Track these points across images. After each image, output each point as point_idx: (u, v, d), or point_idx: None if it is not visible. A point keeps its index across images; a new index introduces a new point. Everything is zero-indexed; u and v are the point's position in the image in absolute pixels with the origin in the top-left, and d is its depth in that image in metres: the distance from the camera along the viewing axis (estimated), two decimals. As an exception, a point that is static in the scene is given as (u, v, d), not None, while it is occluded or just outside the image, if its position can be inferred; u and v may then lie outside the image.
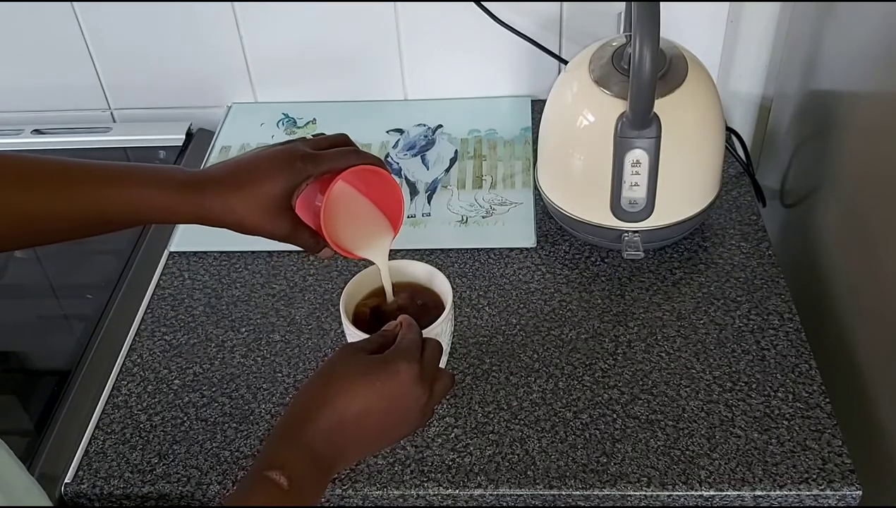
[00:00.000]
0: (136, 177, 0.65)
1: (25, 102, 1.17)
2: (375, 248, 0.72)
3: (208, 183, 0.65)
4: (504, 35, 1.02)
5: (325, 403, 0.58)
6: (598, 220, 0.87)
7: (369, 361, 0.60)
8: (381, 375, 0.59)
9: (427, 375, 0.61)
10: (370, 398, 0.59)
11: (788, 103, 1.02)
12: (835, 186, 0.87)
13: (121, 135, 1.13)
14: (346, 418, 0.58)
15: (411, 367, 0.60)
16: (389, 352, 0.61)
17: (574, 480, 0.70)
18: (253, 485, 0.55)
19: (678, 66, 0.83)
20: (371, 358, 0.61)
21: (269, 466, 0.55)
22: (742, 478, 0.69)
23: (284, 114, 1.14)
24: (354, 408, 0.58)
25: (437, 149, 1.06)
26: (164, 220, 0.67)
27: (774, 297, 0.85)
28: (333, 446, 0.58)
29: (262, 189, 0.65)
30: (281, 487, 0.54)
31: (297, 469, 0.56)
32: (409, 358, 0.61)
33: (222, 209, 0.65)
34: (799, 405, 0.75)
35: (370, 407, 0.59)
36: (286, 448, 0.57)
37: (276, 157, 0.66)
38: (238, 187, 0.65)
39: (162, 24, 1.09)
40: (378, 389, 0.59)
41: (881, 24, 0.76)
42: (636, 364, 0.79)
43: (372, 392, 0.59)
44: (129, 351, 0.84)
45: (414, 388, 0.60)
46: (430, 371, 0.62)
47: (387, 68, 1.12)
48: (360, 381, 0.59)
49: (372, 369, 0.60)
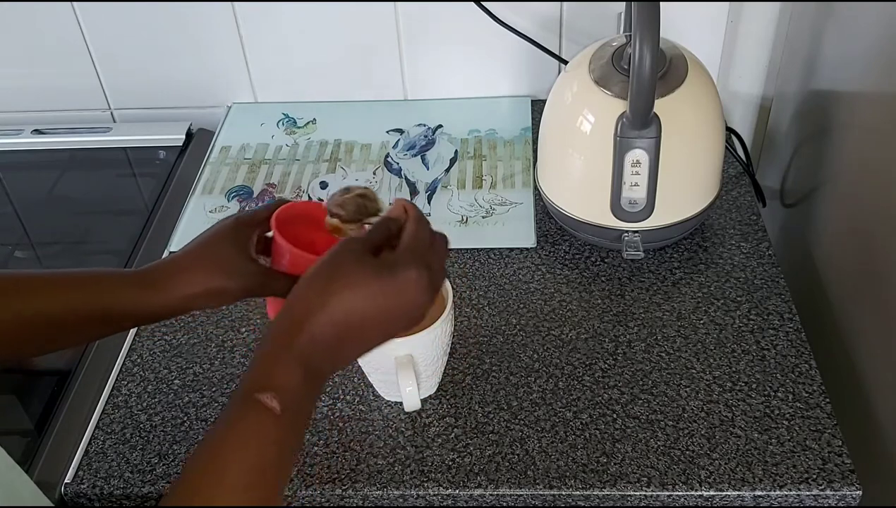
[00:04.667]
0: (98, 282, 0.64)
1: (25, 102, 1.17)
2: None
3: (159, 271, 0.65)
4: (504, 35, 1.02)
5: (324, 312, 0.53)
6: (598, 220, 0.87)
7: (376, 266, 0.55)
8: (389, 284, 0.54)
9: (436, 282, 0.57)
10: (374, 307, 0.54)
11: (788, 103, 1.02)
12: (835, 186, 0.87)
13: (121, 135, 1.13)
14: (347, 327, 0.53)
15: (421, 276, 0.55)
16: (399, 255, 0.56)
17: (574, 480, 0.70)
18: (241, 409, 0.50)
19: (678, 66, 0.83)
20: (378, 262, 0.55)
21: (261, 387, 0.50)
22: (742, 478, 0.69)
23: (284, 114, 1.14)
24: (356, 318, 0.54)
25: (437, 149, 1.06)
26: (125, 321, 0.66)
27: (774, 297, 0.85)
28: (330, 356, 0.54)
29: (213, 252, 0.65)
30: (273, 412, 0.50)
31: (291, 388, 0.51)
32: (420, 263, 0.55)
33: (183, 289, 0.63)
34: (799, 405, 0.75)
35: (374, 316, 0.54)
36: (280, 365, 0.52)
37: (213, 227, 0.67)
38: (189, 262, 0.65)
39: (162, 25, 1.09)
40: (384, 299, 0.54)
41: (881, 24, 0.76)
42: (636, 364, 0.79)
43: (377, 300, 0.54)
44: (129, 351, 0.84)
45: (421, 296, 0.55)
46: (438, 276, 0.58)
47: (387, 68, 1.12)
48: (365, 290, 0.54)
49: (379, 276, 0.54)
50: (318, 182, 1.02)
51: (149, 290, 0.63)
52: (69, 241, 1.01)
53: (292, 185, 1.02)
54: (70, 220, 1.04)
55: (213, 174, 1.04)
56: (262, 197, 1.00)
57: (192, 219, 0.98)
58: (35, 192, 1.08)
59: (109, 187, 1.09)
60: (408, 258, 0.56)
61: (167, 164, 1.09)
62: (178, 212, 0.99)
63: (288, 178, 1.03)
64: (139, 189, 1.09)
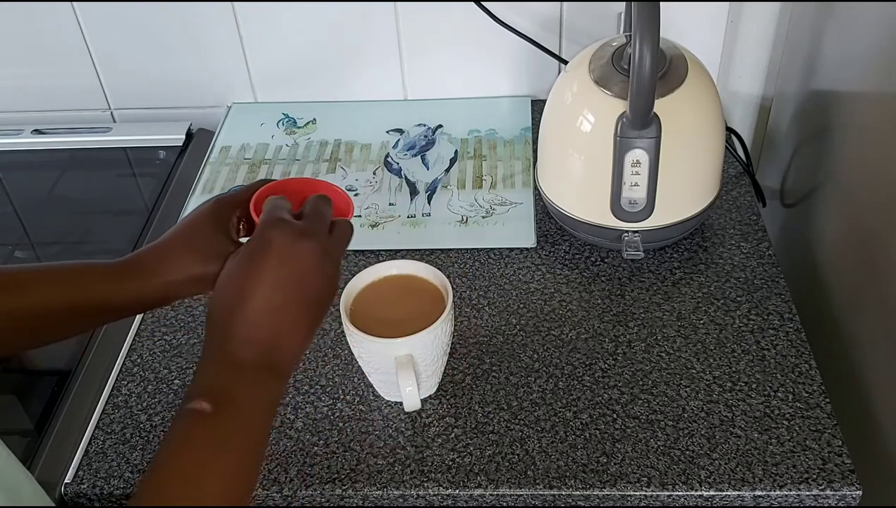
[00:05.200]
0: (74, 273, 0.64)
1: (25, 102, 1.17)
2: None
3: (138, 260, 0.64)
4: (504, 35, 1.02)
5: (231, 310, 0.55)
6: (598, 220, 0.87)
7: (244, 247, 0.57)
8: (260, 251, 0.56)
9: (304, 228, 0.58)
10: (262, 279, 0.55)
11: (788, 103, 1.02)
12: (835, 186, 0.87)
13: (121, 135, 1.13)
14: (258, 313, 0.54)
15: (285, 228, 0.57)
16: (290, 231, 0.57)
17: (574, 480, 0.70)
18: (175, 421, 0.52)
19: (678, 66, 0.83)
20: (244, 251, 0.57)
21: (190, 398, 0.52)
22: (742, 478, 0.69)
23: (284, 115, 1.14)
24: (261, 302, 0.54)
25: (437, 149, 1.06)
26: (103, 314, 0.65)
27: (774, 297, 0.85)
28: (258, 345, 0.54)
29: (192, 237, 0.64)
30: (204, 412, 0.51)
31: (222, 386, 0.52)
32: (271, 222, 0.57)
33: (164, 276, 0.63)
34: (799, 405, 0.75)
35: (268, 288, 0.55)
36: (205, 371, 0.54)
37: (193, 211, 0.66)
38: (170, 248, 0.64)
39: (162, 24, 1.09)
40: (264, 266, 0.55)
41: (881, 24, 0.76)
42: (636, 364, 0.79)
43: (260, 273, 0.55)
44: (129, 351, 0.84)
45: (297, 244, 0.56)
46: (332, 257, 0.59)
47: (387, 68, 1.12)
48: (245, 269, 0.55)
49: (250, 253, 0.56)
50: (318, 182, 1.02)
51: (129, 280, 0.63)
52: (69, 241, 1.01)
53: (292, 185, 1.02)
54: (70, 220, 1.04)
55: (213, 174, 1.04)
56: (262, 197, 1.00)
57: (192, 219, 0.98)
58: (35, 192, 1.08)
59: (109, 187, 1.09)
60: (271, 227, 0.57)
61: (167, 164, 1.09)
62: (178, 212, 0.99)
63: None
64: (139, 189, 1.09)
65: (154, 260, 0.64)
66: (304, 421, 0.76)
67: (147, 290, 0.63)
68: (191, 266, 0.63)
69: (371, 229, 0.95)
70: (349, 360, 0.80)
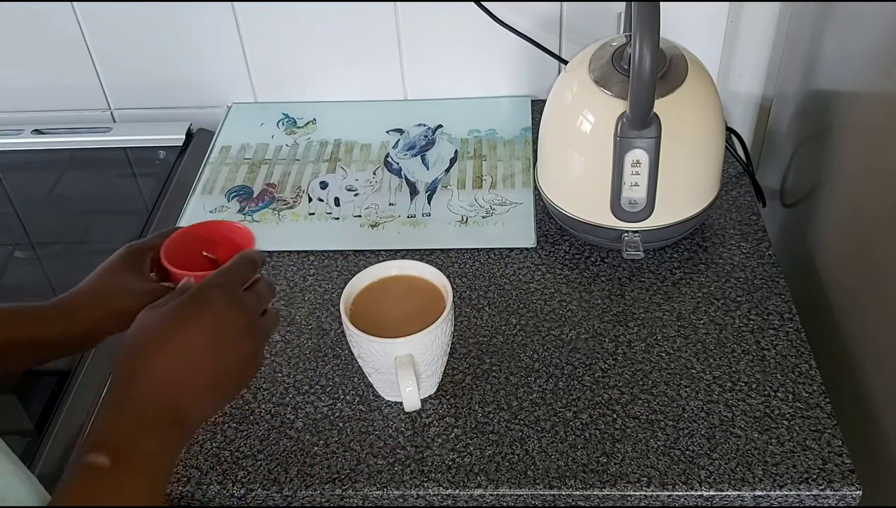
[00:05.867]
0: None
1: (25, 102, 1.17)
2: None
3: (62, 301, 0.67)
4: (504, 35, 1.02)
5: (146, 359, 0.54)
6: (598, 220, 0.87)
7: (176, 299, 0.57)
8: (191, 307, 0.56)
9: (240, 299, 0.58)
10: (186, 334, 0.55)
11: (788, 103, 1.02)
12: (835, 186, 0.87)
13: (121, 135, 1.13)
14: (173, 366, 0.54)
15: (221, 292, 0.57)
16: (204, 285, 0.58)
17: (574, 480, 0.70)
18: (70, 473, 0.50)
19: (678, 66, 0.83)
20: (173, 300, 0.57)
21: (90, 448, 0.50)
22: (742, 478, 0.69)
23: (284, 115, 1.14)
24: (173, 352, 0.54)
25: (437, 149, 1.06)
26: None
27: (774, 297, 0.85)
28: (166, 399, 0.53)
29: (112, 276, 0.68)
30: (102, 468, 0.49)
31: (125, 439, 0.51)
32: (219, 283, 0.58)
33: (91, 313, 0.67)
34: (799, 405, 0.75)
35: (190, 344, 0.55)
36: (107, 421, 0.52)
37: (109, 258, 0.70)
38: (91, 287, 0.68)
39: (162, 25, 1.09)
40: (192, 322, 0.55)
41: (881, 24, 0.76)
42: (636, 364, 0.79)
43: (186, 327, 0.55)
44: (129, 351, 0.83)
45: (229, 311, 0.57)
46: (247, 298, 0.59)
47: (387, 68, 1.12)
48: (171, 321, 0.55)
49: (180, 305, 0.56)
50: (319, 182, 1.02)
51: (57, 318, 0.66)
52: (69, 241, 1.01)
53: (292, 185, 1.02)
54: (70, 220, 1.04)
55: (213, 174, 1.04)
56: (262, 197, 1.00)
57: (192, 220, 0.98)
58: (35, 192, 1.08)
59: (109, 187, 1.09)
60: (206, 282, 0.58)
61: (167, 164, 1.09)
62: (178, 212, 0.99)
63: (288, 178, 1.03)
64: (139, 189, 1.09)
65: (77, 300, 0.67)
66: (304, 421, 0.76)
67: (74, 328, 0.66)
68: (113, 300, 0.67)
69: (371, 229, 0.95)
70: (349, 360, 0.80)
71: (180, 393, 0.54)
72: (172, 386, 0.54)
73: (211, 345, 0.56)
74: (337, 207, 0.98)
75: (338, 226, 0.96)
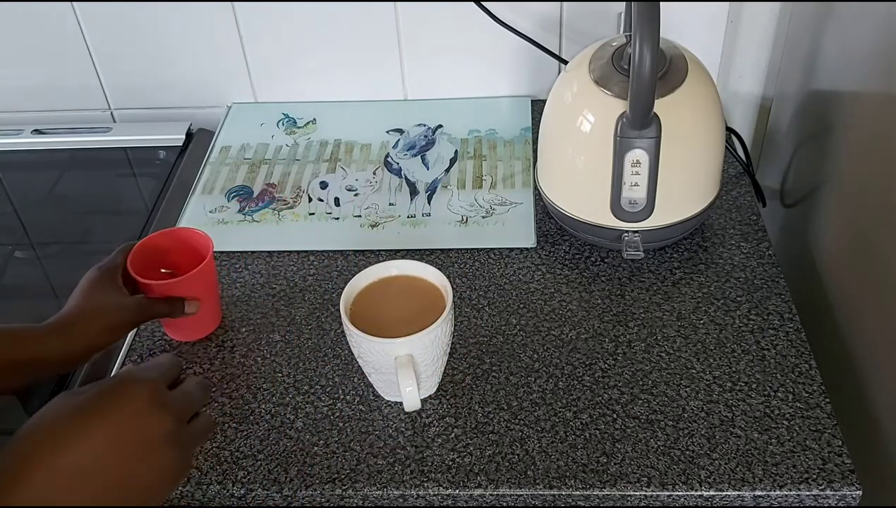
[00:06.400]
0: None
1: (25, 102, 1.17)
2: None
3: (59, 320, 0.70)
4: (504, 35, 1.02)
5: (27, 460, 0.45)
6: (598, 220, 0.87)
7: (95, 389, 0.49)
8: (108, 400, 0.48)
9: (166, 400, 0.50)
10: (90, 438, 0.47)
11: (788, 103, 1.02)
12: (835, 186, 0.87)
13: (121, 135, 1.13)
14: (63, 473, 0.45)
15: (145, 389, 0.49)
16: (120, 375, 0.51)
17: (574, 480, 0.70)
18: None
19: (678, 65, 0.83)
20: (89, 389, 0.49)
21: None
22: (742, 478, 0.69)
23: (284, 115, 1.14)
24: (70, 457, 0.46)
25: (437, 149, 1.06)
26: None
27: (774, 297, 0.85)
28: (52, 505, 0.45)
29: (96, 296, 0.72)
30: None
31: None
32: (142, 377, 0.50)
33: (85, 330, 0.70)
34: (799, 405, 0.75)
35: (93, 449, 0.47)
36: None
37: (82, 282, 0.74)
38: (80, 307, 0.71)
39: (162, 24, 1.09)
40: (100, 423, 0.47)
41: (881, 24, 0.76)
42: (636, 364, 0.79)
43: (90, 428, 0.47)
44: (129, 351, 0.84)
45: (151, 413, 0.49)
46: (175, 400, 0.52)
47: (387, 68, 1.12)
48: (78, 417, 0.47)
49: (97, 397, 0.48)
50: (319, 182, 1.02)
51: (59, 339, 0.69)
52: (69, 241, 1.01)
53: (292, 185, 1.02)
54: (70, 220, 1.04)
55: (213, 174, 1.04)
56: (262, 197, 1.00)
57: (192, 220, 0.98)
58: (35, 192, 1.08)
59: (109, 187, 1.09)
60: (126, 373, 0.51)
61: (167, 164, 1.09)
62: (178, 212, 0.99)
63: (288, 178, 1.03)
64: (139, 189, 1.09)
65: (73, 318, 0.70)
66: (304, 421, 0.76)
67: (72, 345, 0.69)
68: (105, 316, 0.71)
69: (371, 229, 0.95)
70: (349, 360, 0.80)
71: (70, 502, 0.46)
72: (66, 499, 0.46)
73: (117, 453, 0.47)
74: (337, 207, 0.98)
75: (338, 226, 0.96)
